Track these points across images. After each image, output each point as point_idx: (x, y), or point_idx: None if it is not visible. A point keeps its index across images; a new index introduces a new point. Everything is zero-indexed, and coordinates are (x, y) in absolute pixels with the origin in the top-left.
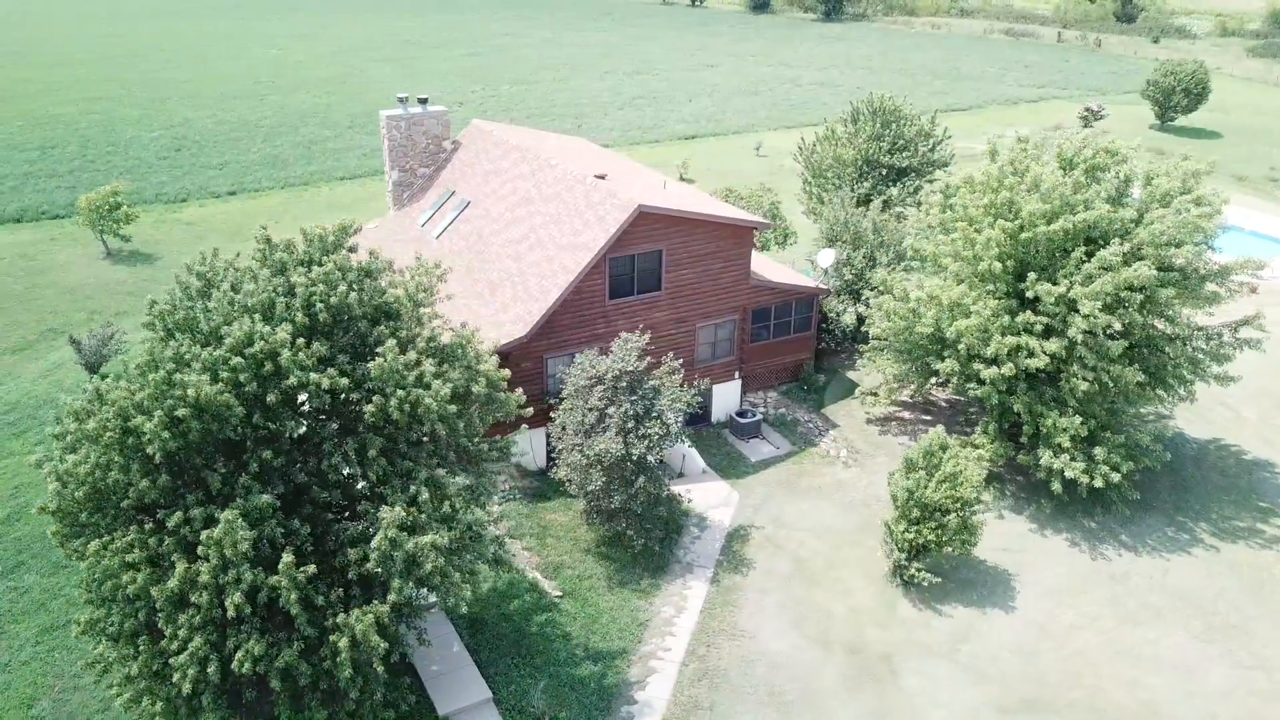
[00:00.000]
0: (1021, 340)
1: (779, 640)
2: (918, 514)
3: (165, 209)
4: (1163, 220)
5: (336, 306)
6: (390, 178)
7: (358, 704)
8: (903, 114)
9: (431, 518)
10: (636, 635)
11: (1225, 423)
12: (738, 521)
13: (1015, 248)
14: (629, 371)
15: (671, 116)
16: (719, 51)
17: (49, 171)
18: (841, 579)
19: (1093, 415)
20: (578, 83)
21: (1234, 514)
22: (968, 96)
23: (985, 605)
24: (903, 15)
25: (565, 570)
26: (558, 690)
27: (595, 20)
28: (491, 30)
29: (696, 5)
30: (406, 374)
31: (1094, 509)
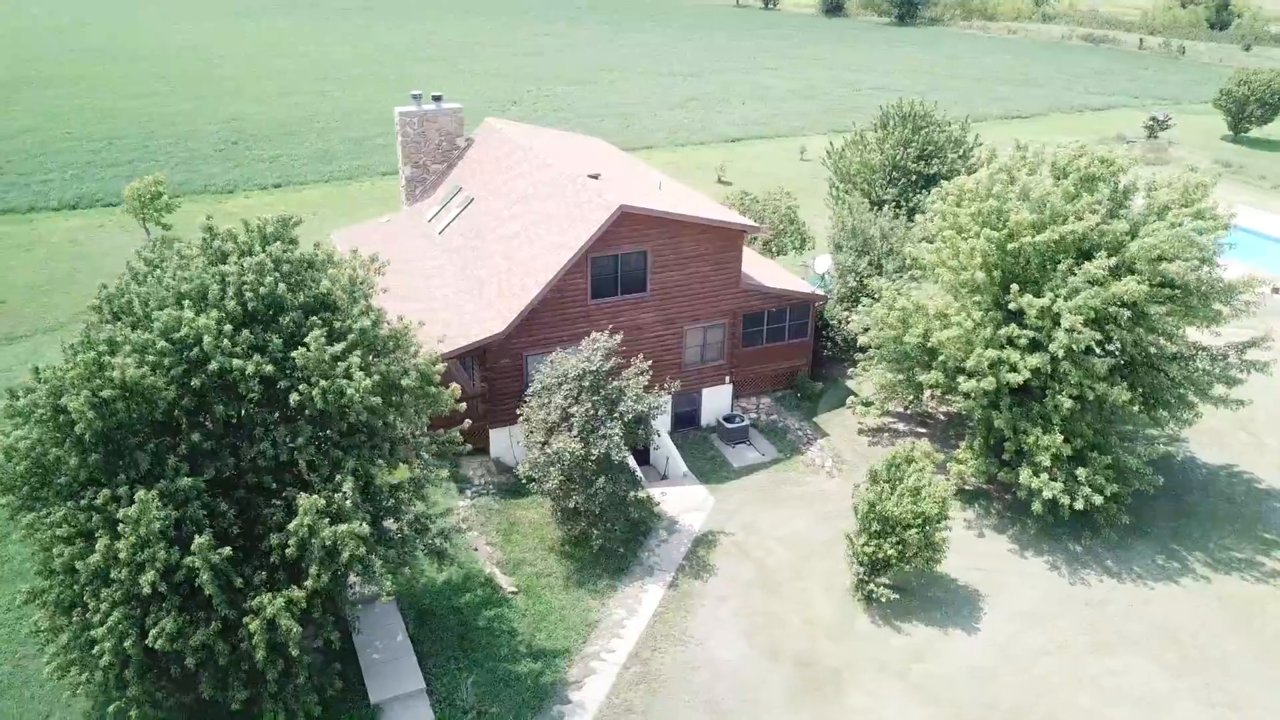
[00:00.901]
0: (1004, 354)
1: (727, 649)
2: (878, 527)
3: (213, 199)
4: (1156, 233)
5: (266, 296)
6: (403, 173)
7: (280, 686)
8: (933, 120)
9: (358, 506)
10: (583, 635)
11: (1243, 448)
12: (709, 527)
13: (1003, 258)
14: (592, 371)
15: (720, 119)
16: (781, 55)
17: (110, 161)
18: (804, 590)
19: (1079, 434)
20: (632, 83)
21: (1234, 544)
22: (1031, 104)
23: (948, 625)
24: (981, 20)
25: (525, 567)
26: (492, 686)
27: (663, 22)
28: (556, 29)
29: (769, 8)
30: (333, 365)
31: (1082, 532)
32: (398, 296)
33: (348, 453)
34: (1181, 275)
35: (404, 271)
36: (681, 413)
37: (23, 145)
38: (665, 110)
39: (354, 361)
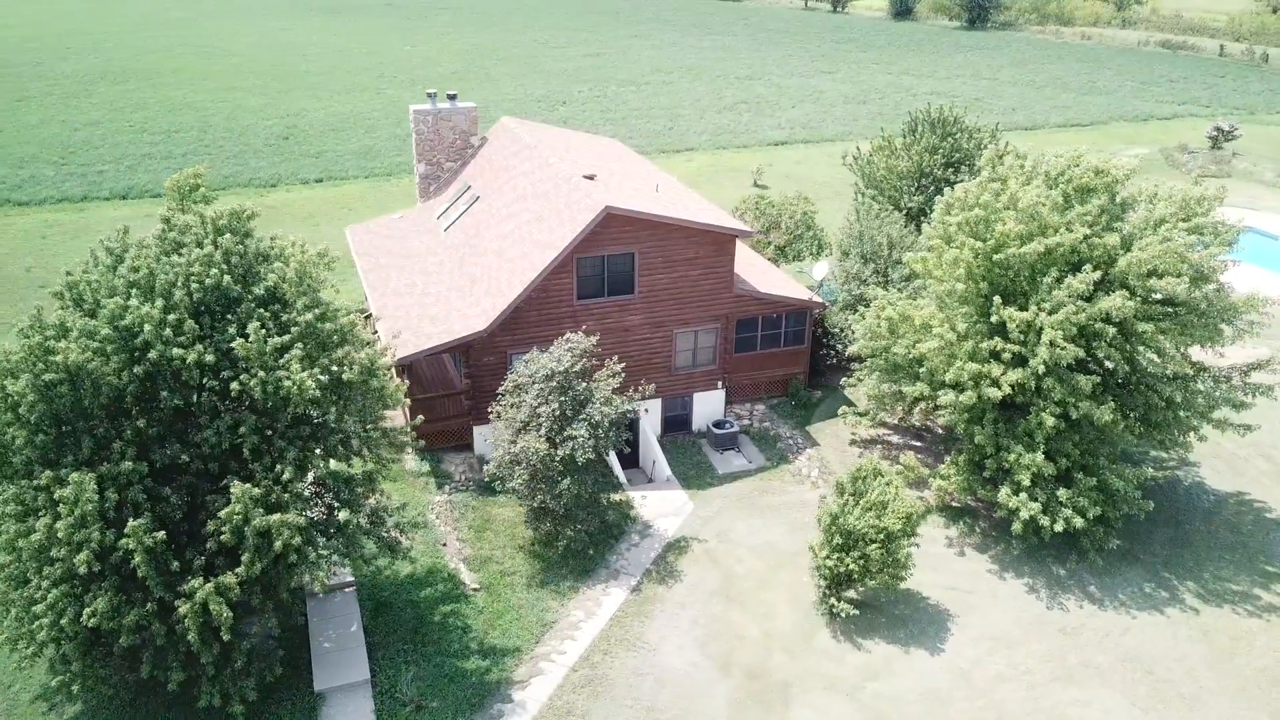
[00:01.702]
0: (984, 368)
1: (679, 656)
2: (840, 541)
3: (254, 192)
4: (1147, 248)
5: (212, 288)
6: (418, 170)
7: (217, 669)
8: (963, 126)
9: (297, 497)
10: (536, 635)
11: (1258, 475)
12: (683, 532)
13: (990, 269)
14: (560, 371)
15: (768, 122)
16: (840, 58)
17: (165, 153)
18: (767, 601)
19: (1064, 454)
20: (684, 85)
21: (1230, 575)
22: (1093, 111)
23: (910, 644)
24: (1056, 25)
25: (492, 564)
26: (436, 680)
27: (729, 25)
28: (620, 33)
29: (838, 11)
30: (275, 357)
31: (1068, 555)
32: (394, 291)
33: (291, 444)
34: (1171, 292)
35: (405, 268)
36: (672, 417)
37: (88, 137)
38: (714, 113)
39: (295, 354)
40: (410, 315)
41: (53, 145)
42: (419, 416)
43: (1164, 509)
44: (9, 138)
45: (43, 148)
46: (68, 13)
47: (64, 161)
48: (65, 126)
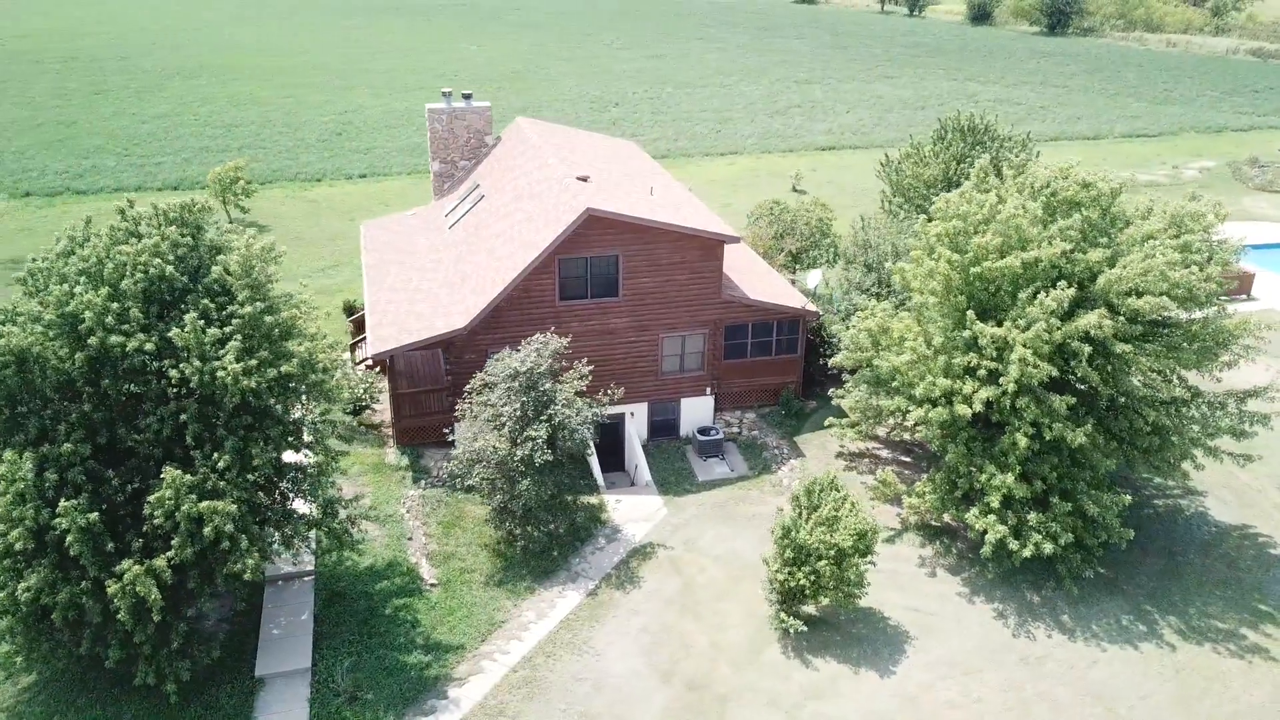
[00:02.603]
0: (956, 384)
1: (622, 663)
2: (792, 555)
3: (298, 186)
4: (1129, 266)
5: (156, 278)
6: (433, 168)
7: (154, 648)
8: (994, 134)
9: (233, 484)
10: (483, 634)
11: (1269, 509)
12: (650, 538)
13: (968, 282)
14: (524, 371)
15: (819, 127)
16: (905, 63)
17: (222, 146)
18: (722, 612)
19: (1041, 476)
20: (740, 88)
21: (1219, 613)
22: (1163, 122)
23: (862, 665)
24: (1145, 31)
25: (454, 561)
26: (376, 673)
27: (798, 28)
28: (686, 35)
29: (914, 15)
30: (214, 347)
31: (1046, 582)
32: (389, 287)
33: (233, 433)
34: (1151, 311)
35: (405, 264)
36: (660, 421)
37: (153, 129)
38: (765, 116)
39: (233, 345)
40: (400, 311)
41: (120, 137)
42: (369, 410)
43: (1158, 539)
44: (81, 129)
45: (110, 139)
46: (158, 11)
47: (126, 153)
48: (134, 119)
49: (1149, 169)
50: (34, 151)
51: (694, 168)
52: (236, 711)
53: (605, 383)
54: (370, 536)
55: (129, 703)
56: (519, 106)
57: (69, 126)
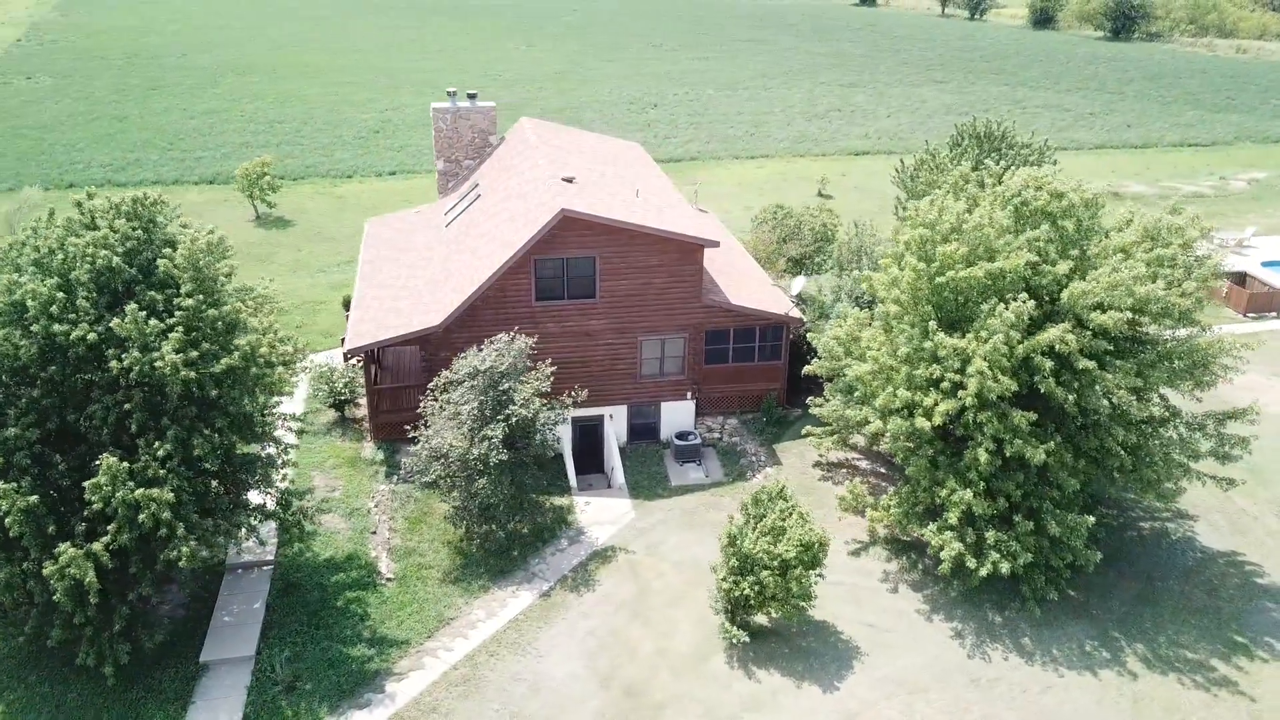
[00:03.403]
0: (916, 395)
1: (563, 666)
2: (737, 564)
3: (328, 182)
4: (1097, 279)
5: (102, 269)
6: (438, 167)
7: (96, 631)
8: (1010, 141)
9: (173, 473)
10: (430, 631)
11: (1263, 536)
12: (613, 542)
13: (935, 292)
14: (483, 370)
15: (856, 131)
16: (956, 67)
17: (262, 143)
18: (672, 618)
19: (1005, 493)
20: (781, 91)
21: (1190, 642)
22: (1217, 131)
23: (805, 679)
24: (1217, 36)
25: (414, 557)
26: (317, 664)
27: (853, 31)
28: (736, 37)
29: (974, 19)
30: (158, 338)
31: (1011, 602)
32: (379, 283)
33: (177, 423)
34: (1115, 327)
35: (399, 260)
36: (640, 424)
37: (199, 125)
38: (802, 120)
39: (174, 337)
40: (383, 307)
41: (166, 131)
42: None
43: (1138, 562)
44: (132, 123)
45: (157, 133)
46: (225, 10)
47: (170, 147)
48: (184, 114)
49: (1195, 179)
50: (85, 144)
51: (722, 170)
52: (176, 696)
53: (584, 384)
54: (335, 529)
55: (75, 681)
56: (557, 107)
57: (121, 121)
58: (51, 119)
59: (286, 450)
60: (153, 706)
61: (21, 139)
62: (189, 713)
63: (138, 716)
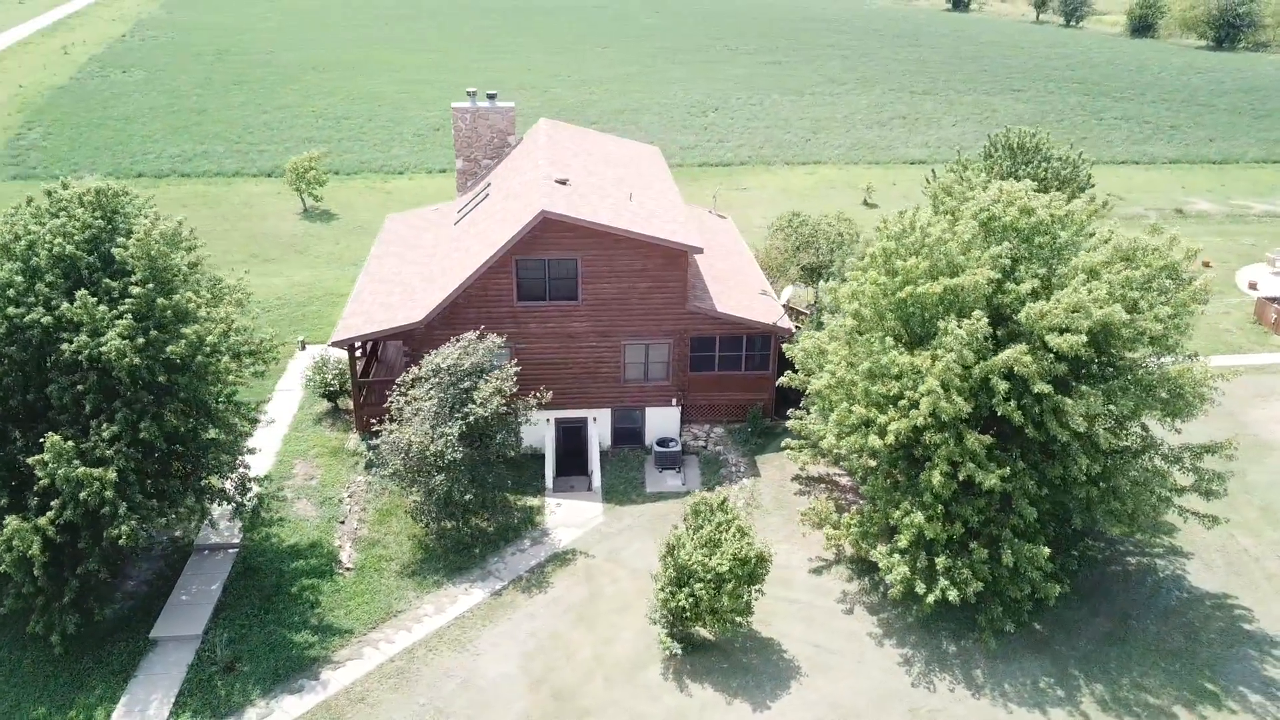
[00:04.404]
0: (871, 413)
1: (498, 665)
2: (674, 574)
3: (381, 178)
4: (1060, 300)
5: (59, 256)
6: (457, 166)
7: (46, 601)
8: (1046, 154)
9: (120, 454)
10: (376, 622)
11: (1259, 579)
12: (575, 545)
13: (899, 306)
14: (445, 368)
15: (916, 139)
16: (1038, 74)
17: (324, 138)
18: (617, 625)
19: (962, 518)
20: (849, 97)
21: (1156, 686)
22: None
23: (738, 696)
24: None
25: (377, 548)
26: (258, 647)
27: (939, 37)
28: (817, 41)
29: (1070, 26)
30: (108, 324)
31: (969, 632)
32: (379, 278)
33: (129, 405)
34: (1071, 350)
35: (404, 256)
36: (624, 429)
37: (270, 120)
38: (863, 126)
39: (122, 325)
40: (376, 301)
41: (238, 125)
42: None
43: (1117, 598)
44: (209, 117)
45: (228, 127)
46: (314, 9)
47: (238, 140)
48: (258, 110)
49: (1271, 198)
50: (160, 135)
51: (770, 176)
52: (122, 668)
53: (567, 386)
54: (305, 517)
55: (32, 648)
56: (617, 108)
57: (199, 114)
58: (135, 110)
59: (239, 438)
60: (97, 677)
61: (104, 129)
62: (129, 686)
63: (82, 685)
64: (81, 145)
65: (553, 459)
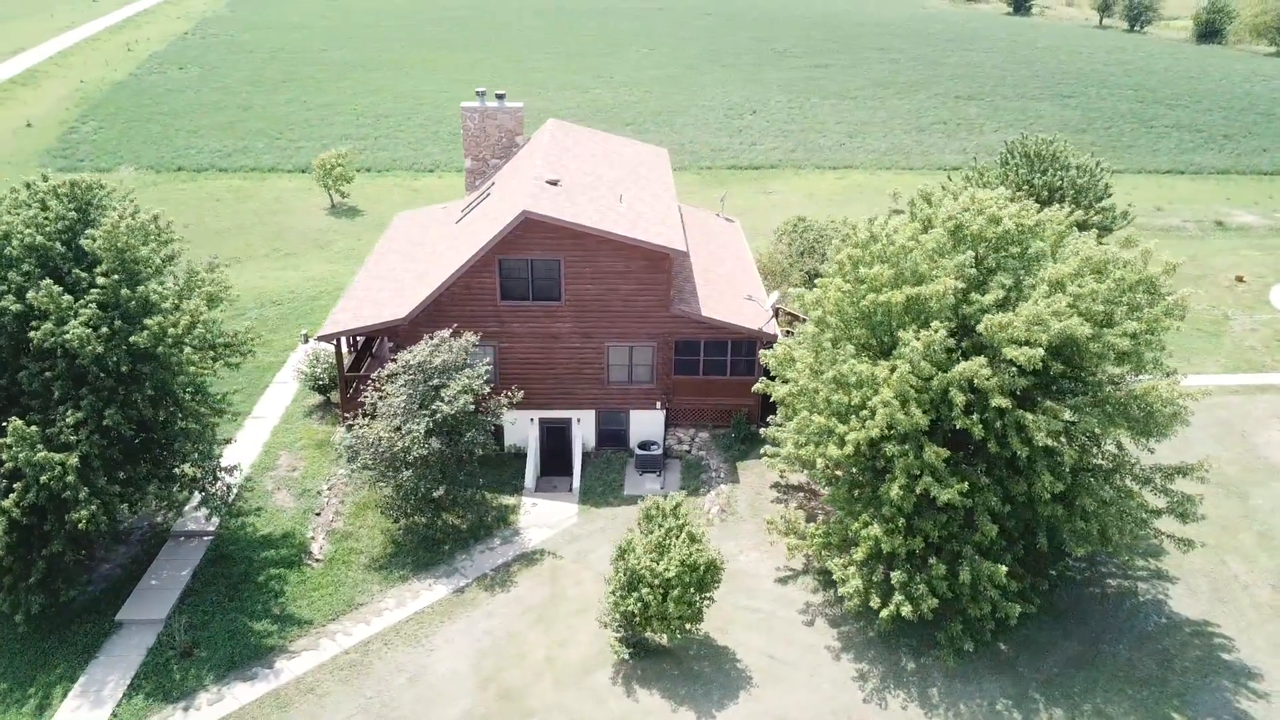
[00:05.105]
0: (831, 422)
1: (449, 662)
2: (624, 579)
3: (410, 176)
4: (1017, 313)
5: (29, 246)
6: (466, 165)
7: (14, 580)
8: (1063, 162)
9: (84, 440)
10: (337, 614)
11: (1245, 608)
12: (544, 545)
13: (865, 315)
14: (415, 364)
15: (954, 146)
16: (1091, 81)
17: (360, 135)
18: (576, 627)
19: (922, 532)
20: (892, 102)
21: (1119, 715)
22: None
23: (684, 704)
24: None
25: (349, 541)
26: (218, 634)
27: (994, 41)
28: (863, 44)
29: (1133, 31)
30: (73, 312)
31: (932, 649)
32: (375, 274)
33: (96, 393)
34: (1029, 363)
35: (404, 253)
36: (609, 430)
37: (311, 117)
38: (902, 132)
39: (85, 314)
40: (368, 297)
41: (281, 122)
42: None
43: (1090, 622)
44: (254, 113)
45: (271, 123)
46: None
47: (279, 136)
48: (303, 107)
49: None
50: (205, 131)
51: (799, 180)
52: (85, 649)
53: (551, 386)
54: (283, 507)
55: (2, 625)
56: (654, 110)
57: (246, 111)
58: (185, 106)
59: (208, 428)
60: (60, 656)
61: (152, 123)
62: (89, 666)
63: (46, 664)
64: (129, 139)
65: (534, 458)
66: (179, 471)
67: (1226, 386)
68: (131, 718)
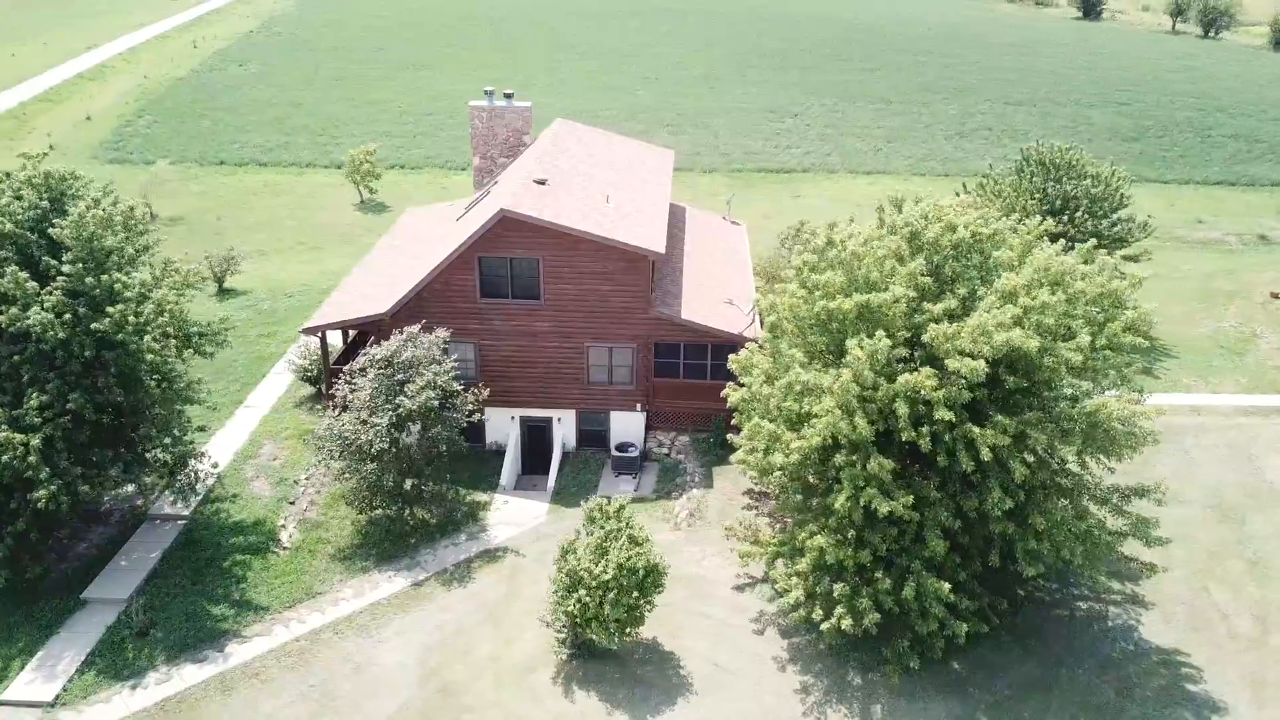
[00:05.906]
0: (778, 429)
1: (396, 655)
2: (567, 580)
3: (441, 173)
4: (962, 324)
5: (2, 234)
6: (474, 163)
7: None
8: (1077, 169)
9: (49, 421)
10: (294, 601)
11: (1222, 639)
12: (509, 543)
13: (818, 322)
14: (382, 358)
15: (995, 153)
16: (1152, 88)
17: (399, 132)
18: (525, 626)
19: (872, 545)
20: (938, 107)
21: None
22: None
23: (621, 708)
24: None
25: (318, 531)
26: (175, 615)
27: (1058, 47)
28: (917, 48)
29: (1208, 37)
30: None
31: (880, 665)
32: (372, 269)
33: (63, 378)
34: (971, 375)
35: (404, 250)
36: (589, 431)
37: (356, 114)
38: (942, 138)
39: (50, 300)
40: (359, 291)
41: (325, 118)
42: None
43: (1053, 645)
44: (303, 110)
45: (317, 120)
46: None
47: (321, 132)
48: (350, 104)
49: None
50: (252, 126)
51: (830, 184)
52: (48, 624)
53: (531, 384)
54: (259, 495)
55: None
56: (692, 110)
57: (295, 107)
58: (239, 102)
59: (175, 415)
60: (23, 630)
61: (204, 119)
62: (49, 641)
63: (9, 638)
64: (179, 134)
65: (514, 456)
66: (150, 456)
67: (1241, 407)
68: (80, 693)
